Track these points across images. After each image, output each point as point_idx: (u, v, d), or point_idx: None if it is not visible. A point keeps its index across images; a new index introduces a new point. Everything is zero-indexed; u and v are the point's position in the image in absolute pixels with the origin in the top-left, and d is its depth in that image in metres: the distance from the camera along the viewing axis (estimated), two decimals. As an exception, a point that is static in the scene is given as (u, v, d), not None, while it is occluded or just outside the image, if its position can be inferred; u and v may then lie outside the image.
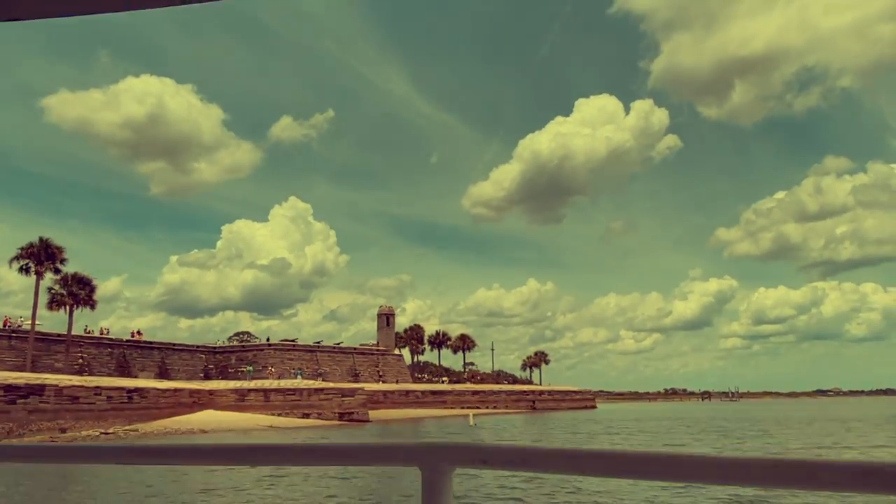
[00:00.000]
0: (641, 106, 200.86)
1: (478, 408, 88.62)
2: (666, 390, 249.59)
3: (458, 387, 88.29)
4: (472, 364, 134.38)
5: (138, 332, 74.68)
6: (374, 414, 64.51)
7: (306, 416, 54.28)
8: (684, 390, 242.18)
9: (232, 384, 55.02)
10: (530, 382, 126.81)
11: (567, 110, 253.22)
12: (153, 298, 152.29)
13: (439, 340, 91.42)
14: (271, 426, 46.90)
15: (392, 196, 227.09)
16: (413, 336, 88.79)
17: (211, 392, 52.76)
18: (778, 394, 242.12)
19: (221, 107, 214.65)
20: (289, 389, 54.62)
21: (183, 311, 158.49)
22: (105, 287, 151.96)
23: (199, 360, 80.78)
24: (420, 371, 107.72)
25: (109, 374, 67.57)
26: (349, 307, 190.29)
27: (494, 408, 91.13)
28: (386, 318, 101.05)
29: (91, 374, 65.53)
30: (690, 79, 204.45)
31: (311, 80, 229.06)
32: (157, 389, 44.97)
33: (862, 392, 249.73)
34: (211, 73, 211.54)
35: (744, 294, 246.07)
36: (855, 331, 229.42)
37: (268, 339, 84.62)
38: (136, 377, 63.35)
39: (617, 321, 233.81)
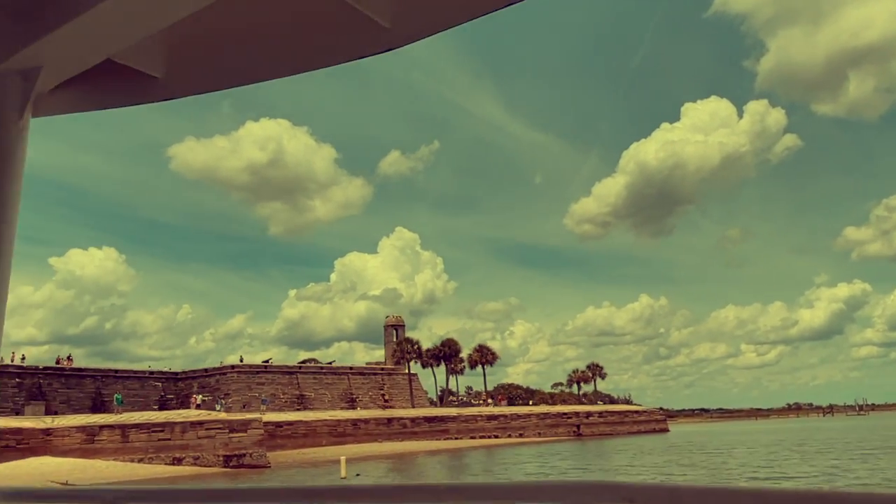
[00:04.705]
0: (756, 107, 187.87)
1: (496, 436, 70.59)
2: (789, 405, 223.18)
3: (466, 411, 70.69)
4: (560, 384, 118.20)
5: (68, 359, 63.10)
6: (313, 452, 48.89)
7: (177, 461, 39.44)
8: (810, 405, 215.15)
9: (81, 419, 41.08)
10: (629, 402, 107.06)
11: (672, 117, 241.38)
12: (274, 333, 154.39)
13: (442, 354, 74.38)
14: (67, 482, 32.12)
15: (494, 220, 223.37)
16: (409, 350, 72.49)
17: (47, 431, 39.05)
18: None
19: (334, 146, 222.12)
20: (156, 425, 40.04)
21: (301, 343, 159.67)
22: (230, 325, 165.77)
23: (154, 390, 68.51)
24: (493, 395, 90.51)
25: (16, 411, 56.19)
26: (457, 333, 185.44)
27: (521, 436, 72.61)
28: (395, 330, 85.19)
29: (-10, 410, 54.42)
30: (802, 75, 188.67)
31: (409, 113, 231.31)
32: None
33: None
34: (321, 114, 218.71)
35: (878, 298, 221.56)
36: None
37: (241, 359, 71.30)
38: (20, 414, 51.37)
39: (737, 334, 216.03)
